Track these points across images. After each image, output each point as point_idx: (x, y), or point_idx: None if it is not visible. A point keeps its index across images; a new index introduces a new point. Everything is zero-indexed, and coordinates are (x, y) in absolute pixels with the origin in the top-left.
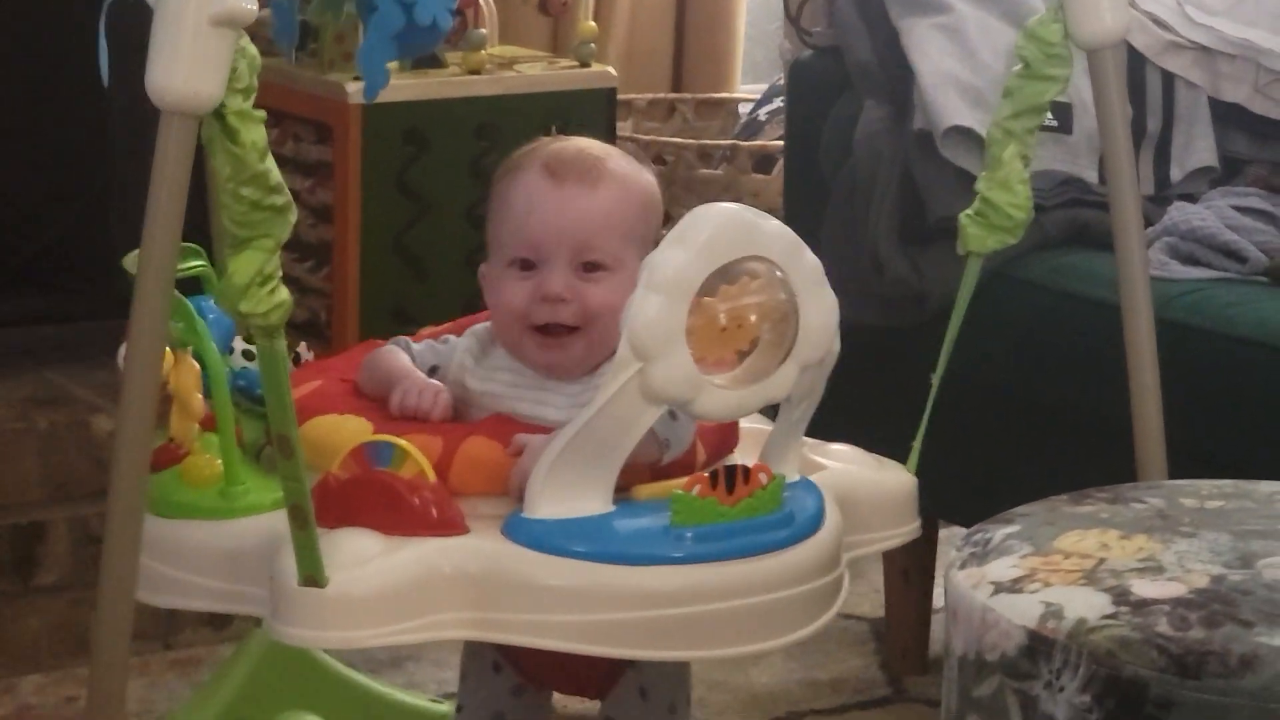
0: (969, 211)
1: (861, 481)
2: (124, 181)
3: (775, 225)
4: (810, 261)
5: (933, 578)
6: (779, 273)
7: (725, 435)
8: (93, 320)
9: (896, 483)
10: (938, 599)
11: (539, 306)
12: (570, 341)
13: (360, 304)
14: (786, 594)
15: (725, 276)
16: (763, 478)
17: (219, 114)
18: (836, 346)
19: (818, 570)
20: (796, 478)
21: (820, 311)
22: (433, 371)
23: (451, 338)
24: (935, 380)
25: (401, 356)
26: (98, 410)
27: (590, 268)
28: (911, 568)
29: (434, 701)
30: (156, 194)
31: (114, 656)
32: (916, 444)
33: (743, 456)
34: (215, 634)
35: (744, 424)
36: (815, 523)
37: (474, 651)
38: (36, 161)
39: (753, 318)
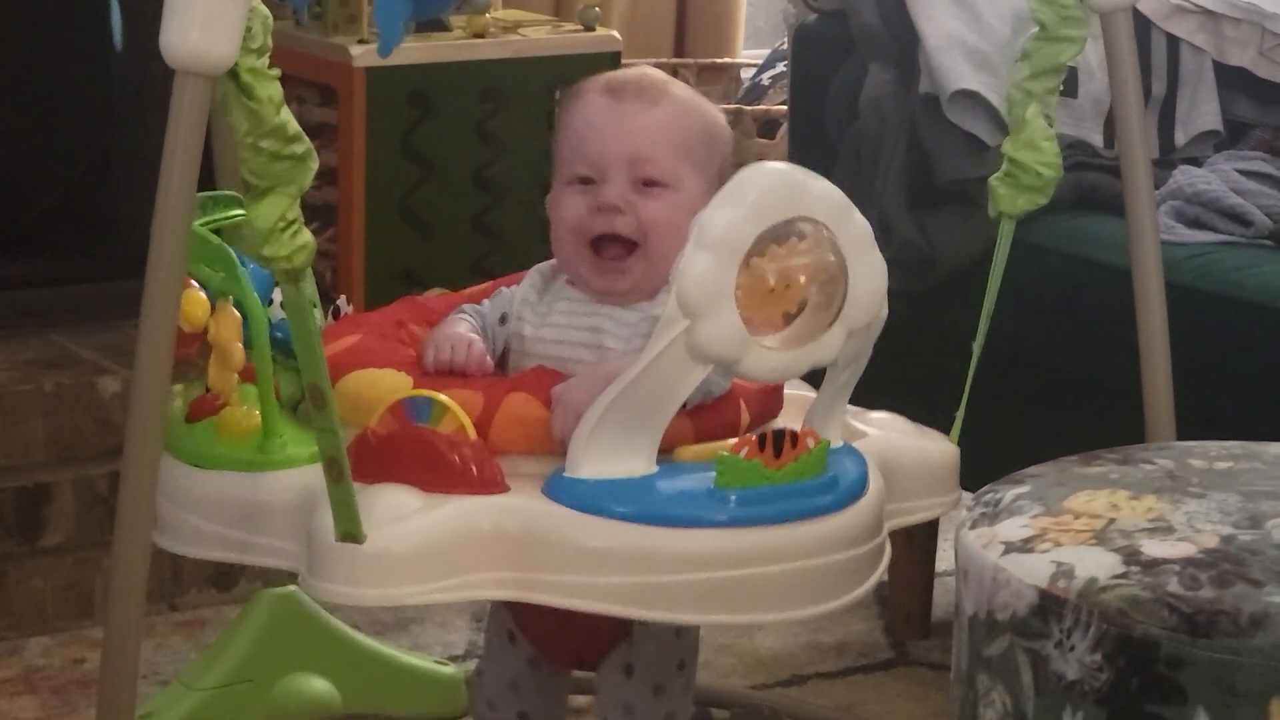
0: (998, 174)
1: (904, 450)
2: (127, 144)
3: (824, 186)
4: (859, 224)
5: (936, 541)
6: (827, 234)
7: (770, 399)
8: (97, 282)
9: (938, 452)
10: (941, 563)
11: (595, 217)
12: (629, 264)
13: (366, 266)
14: (830, 559)
15: (774, 237)
16: (809, 442)
17: (233, 73)
18: (884, 311)
19: (861, 536)
20: (840, 443)
21: (869, 275)
22: (503, 320)
23: (505, 289)
24: (976, 349)
25: (450, 322)
26: (103, 372)
27: (649, 183)
28: (915, 531)
29: (439, 663)
30: (171, 155)
31: (127, 617)
32: (959, 414)
33: (784, 423)
34: (221, 595)
35: (786, 390)
36: (859, 488)
37: (493, 621)
38: (39, 124)
39: (801, 279)
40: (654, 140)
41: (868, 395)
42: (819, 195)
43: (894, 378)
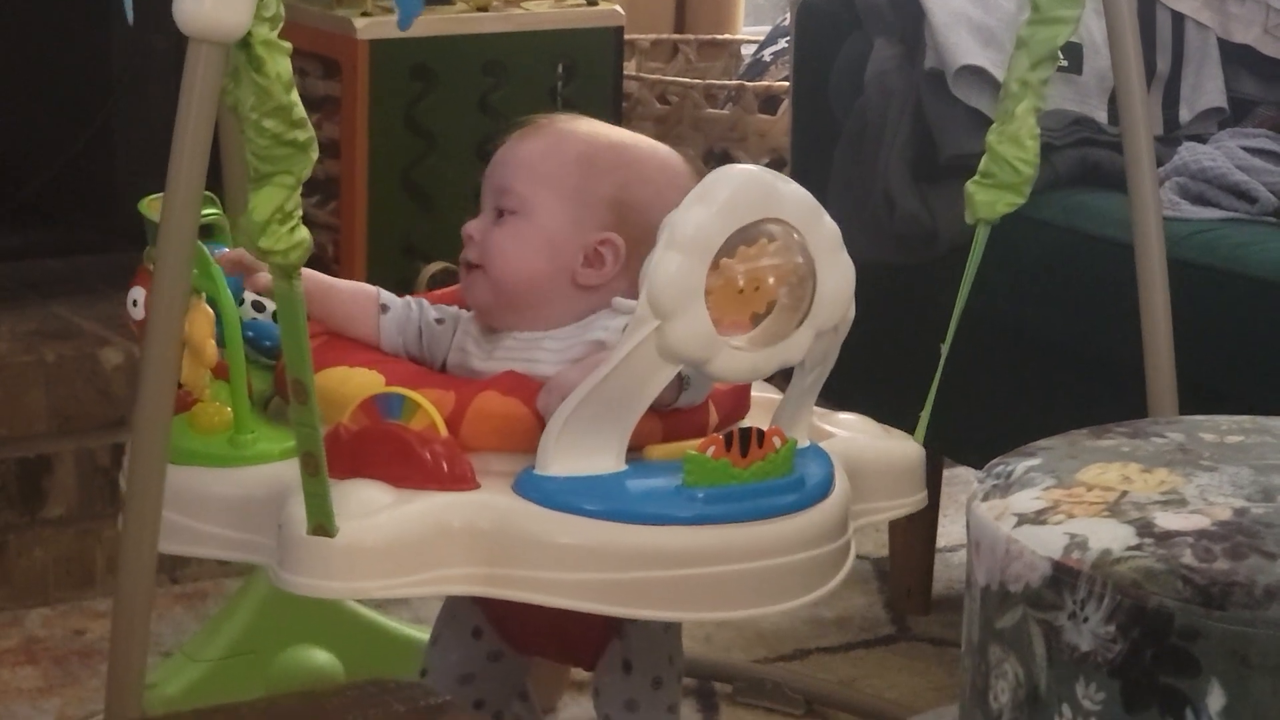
0: (973, 179)
1: (869, 450)
2: (128, 116)
3: (795, 189)
4: (829, 226)
5: (937, 516)
6: (797, 236)
7: (738, 400)
8: (97, 253)
9: (903, 452)
10: (941, 538)
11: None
12: (473, 278)
13: (368, 239)
14: (794, 558)
15: (744, 238)
16: (776, 441)
17: (246, 43)
18: (852, 313)
19: (826, 536)
20: (807, 443)
21: (837, 277)
22: (440, 321)
23: (459, 310)
24: (944, 350)
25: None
26: (104, 343)
27: (500, 211)
28: None
29: None
30: (184, 123)
31: (138, 588)
32: (925, 414)
33: (751, 423)
34: (222, 567)
35: (753, 392)
36: (825, 488)
37: (453, 616)
38: (40, 95)
39: (770, 280)
40: (510, 171)
41: (864, 379)
42: (789, 197)
43: (894, 350)
